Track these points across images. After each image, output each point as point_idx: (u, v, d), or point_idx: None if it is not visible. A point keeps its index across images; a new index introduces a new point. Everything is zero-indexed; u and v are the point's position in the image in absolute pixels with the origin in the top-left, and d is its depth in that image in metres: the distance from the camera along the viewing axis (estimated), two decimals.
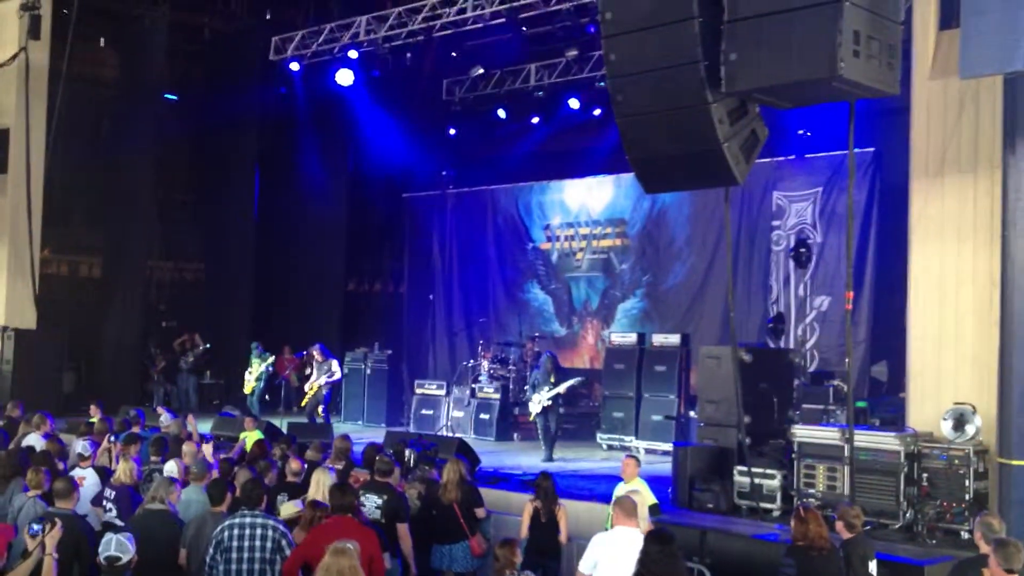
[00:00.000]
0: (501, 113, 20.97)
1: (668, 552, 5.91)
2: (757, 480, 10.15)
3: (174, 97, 21.30)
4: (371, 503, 8.36)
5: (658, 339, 15.74)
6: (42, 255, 17.90)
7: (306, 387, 16.95)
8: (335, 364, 16.82)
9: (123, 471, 8.83)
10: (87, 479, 9.17)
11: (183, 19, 20.02)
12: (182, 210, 21.78)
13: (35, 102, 17.11)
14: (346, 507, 7.15)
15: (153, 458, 9.76)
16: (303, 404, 16.95)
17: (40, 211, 17.32)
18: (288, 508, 8.33)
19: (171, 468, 9.25)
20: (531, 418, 14.82)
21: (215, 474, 8.83)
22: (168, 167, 20.58)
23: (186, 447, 10.03)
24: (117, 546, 6.17)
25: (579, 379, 15.20)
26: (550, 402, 14.29)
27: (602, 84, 17.57)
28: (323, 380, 16.56)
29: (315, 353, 16.78)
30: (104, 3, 18.62)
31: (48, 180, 17.48)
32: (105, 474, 9.42)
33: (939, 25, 10.07)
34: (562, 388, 14.28)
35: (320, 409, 16.58)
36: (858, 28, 6.63)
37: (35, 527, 6.59)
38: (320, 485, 8.24)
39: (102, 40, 20.54)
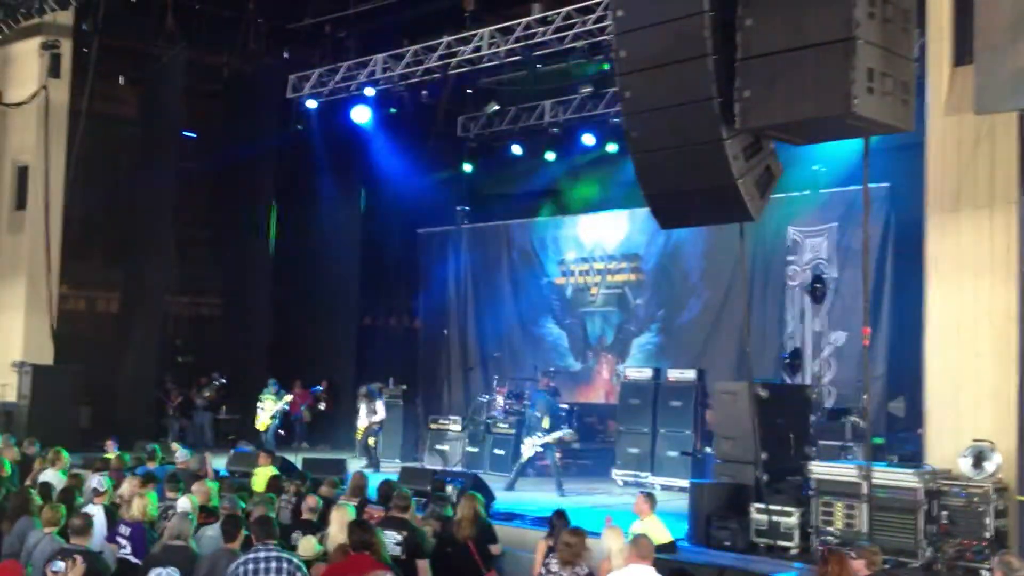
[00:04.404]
0: (516, 149, 21.08)
1: None
2: (775, 518, 10.07)
3: (192, 135, 21.48)
4: (390, 540, 8.30)
5: (673, 374, 15.69)
6: (60, 290, 17.99)
7: (357, 423, 17.25)
8: (379, 404, 17.12)
9: (138, 507, 8.83)
10: (96, 516, 9.16)
11: (201, 58, 20.23)
12: (199, 246, 21.89)
13: (55, 139, 17.29)
14: (364, 544, 7.12)
15: (169, 495, 9.76)
16: (358, 436, 17.25)
17: (58, 247, 17.46)
18: (306, 545, 8.25)
19: (184, 504, 9.24)
20: (523, 459, 14.86)
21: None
22: (186, 203, 20.73)
23: (196, 486, 10.00)
24: None
25: (570, 431, 15.15)
26: (541, 448, 14.36)
27: (617, 120, 17.65)
28: (366, 421, 17.01)
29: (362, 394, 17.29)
30: (123, 42, 18.85)
31: (67, 216, 17.63)
32: (111, 511, 9.41)
33: (953, 61, 10.07)
34: (551, 438, 14.34)
35: (372, 441, 16.88)
36: (872, 65, 6.66)
37: (58, 564, 6.59)
38: (340, 522, 8.19)
39: (121, 78, 20.73)
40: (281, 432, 18.50)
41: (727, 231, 15.71)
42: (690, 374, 15.48)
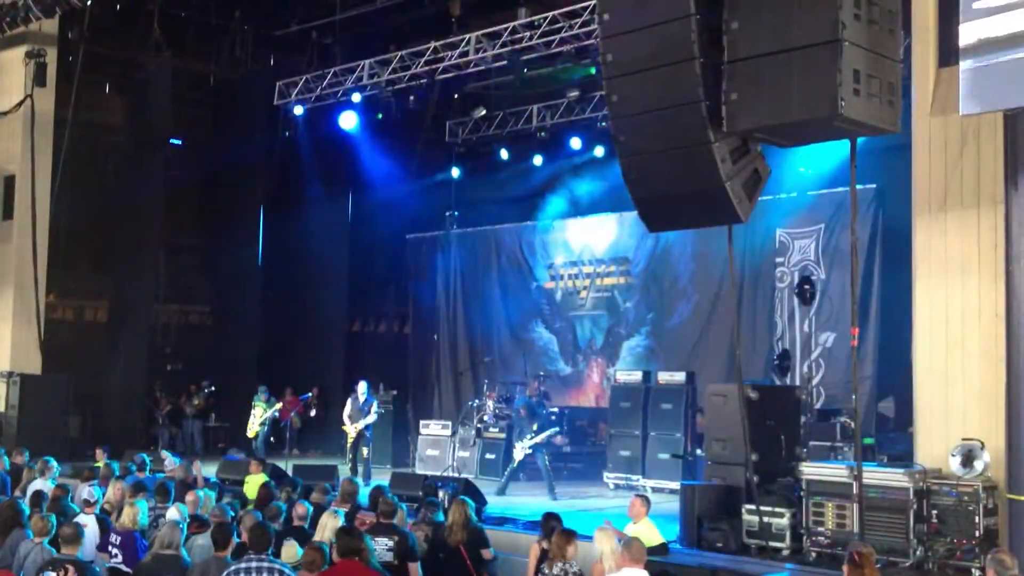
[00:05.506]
0: (504, 153, 21.10)
1: None
2: (766, 519, 10.08)
3: (179, 142, 21.44)
4: (382, 546, 8.32)
5: (664, 377, 15.70)
6: (48, 300, 17.93)
7: (350, 430, 16.13)
8: (373, 405, 16.33)
9: (128, 517, 8.79)
10: (88, 525, 9.12)
11: (188, 65, 20.22)
12: (187, 254, 21.86)
13: (41, 148, 17.24)
14: (352, 550, 7.12)
15: (159, 504, 9.73)
16: (348, 444, 16.43)
17: (46, 256, 17.40)
18: (289, 552, 8.22)
19: (174, 513, 9.22)
20: (514, 464, 14.83)
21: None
22: (173, 211, 20.70)
23: (190, 496, 9.97)
24: None
25: (556, 430, 15.02)
26: (531, 450, 14.36)
27: (604, 124, 17.69)
28: (360, 423, 16.02)
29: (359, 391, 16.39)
30: (109, 50, 18.81)
31: (54, 225, 17.56)
32: (104, 520, 9.38)
33: (938, 62, 10.11)
34: (540, 438, 14.33)
35: (366, 452, 16.25)
36: (858, 67, 6.68)
37: (49, 574, 6.57)
38: (326, 529, 8.20)
39: (107, 87, 20.72)
40: (272, 439, 18.45)
41: (716, 233, 15.80)
42: (680, 377, 15.49)
